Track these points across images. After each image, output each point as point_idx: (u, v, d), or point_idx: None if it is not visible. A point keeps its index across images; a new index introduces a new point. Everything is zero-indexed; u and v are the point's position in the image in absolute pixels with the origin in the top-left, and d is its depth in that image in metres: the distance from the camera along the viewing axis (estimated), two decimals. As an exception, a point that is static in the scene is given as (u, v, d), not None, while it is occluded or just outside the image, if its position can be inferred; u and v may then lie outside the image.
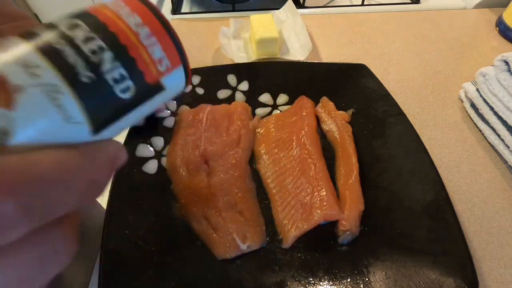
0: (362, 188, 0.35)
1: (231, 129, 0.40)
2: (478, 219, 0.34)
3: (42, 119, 0.12)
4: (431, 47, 0.56)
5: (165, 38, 0.15)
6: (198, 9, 0.68)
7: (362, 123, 0.41)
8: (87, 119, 0.13)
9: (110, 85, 0.13)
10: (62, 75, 0.12)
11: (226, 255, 0.31)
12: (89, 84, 0.12)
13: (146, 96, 0.15)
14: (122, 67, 0.13)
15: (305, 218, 0.32)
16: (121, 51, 0.13)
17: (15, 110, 0.11)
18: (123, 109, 0.14)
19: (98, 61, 0.13)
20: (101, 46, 0.13)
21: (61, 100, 0.12)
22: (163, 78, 0.15)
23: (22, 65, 0.11)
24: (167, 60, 0.15)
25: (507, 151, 0.38)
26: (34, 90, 0.11)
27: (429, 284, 0.27)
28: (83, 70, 0.12)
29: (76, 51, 0.12)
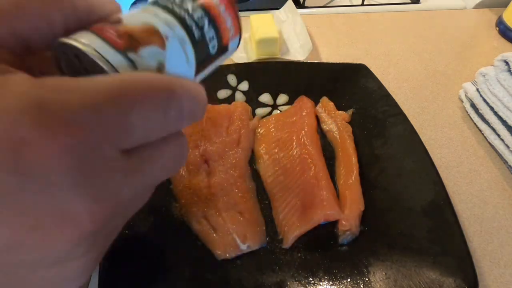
0: (362, 188, 0.35)
1: (231, 129, 0.40)
2: (478, 219, 0.34)
3: (178, 58, 0.17)
4: (431, 47, 0.56)
5: (233, 14, 0.20)
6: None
7: (362, 123, 0.41)
8: (195, 64, 0.18)
9: (207, 42, 0.19)
10: (186, 31, 0.17)
11: (226, 255, 0.31)
12: (198, 40, 0.18)
13: (221, 53, 0.20)
14: (213, 31, 0.19)
15: (305, 218, 0.32)
16: (213, 20, 0.19)
17: (167, 51, 0.16)
18: (210, 60, 0.20)
19: (202, 25, 0.18)
20: (202, 15, 0.18)
21: (186, 48, 0.17)
22: (230, 43, 0.21)
23: (164, 22, 0.17)
24: (233, 30, 0.20)
25: (507, 151, 0.38)
26: (173, 39, 0.17)
27: (429, 284, 0.27)
28: (196, 30, 0.18)
29: (190, 17, 0.18)
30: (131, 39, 0.15)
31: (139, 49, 0.15)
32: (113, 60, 0.14)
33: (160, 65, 0.16)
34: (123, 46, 0.15)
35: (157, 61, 0.16)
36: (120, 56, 0.14)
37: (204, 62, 0.19)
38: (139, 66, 0.15)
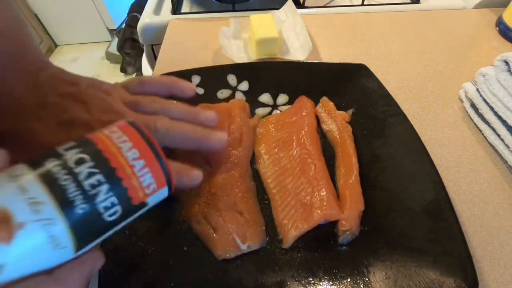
0: (362, 188, 0.35)
1: (232, 127, 0.40)
2: (478, 219, 0.34)
3: (35, 251, 0.13)
4: (431, 47, 0.56)
5: (156, 167, 0.17)
6: (198, 9, 0.68)
7: (362, 123, 0.41)
8: (73, 244, 0.14)
9: (101, 212, 0.15)
10: (62, 209, 0.14)
11: (226, 255, 0.31)
12: (82, 214, 0.14)
13: (130, 215, 0.17)
14: (114, 197, 0.15)
15: (305, 218, 0.32)
16: (116, 183, 0.15)
17: (13, 246, 0.12)
18: (106, 229, 0.16)
19: (95, 194, 0.14)
20: (100, 180, 0.15)
21: (55, 231, 0.13)
22: (148, 198, 0.17)
23: (29, 203, 0.13)
24: (154, 185, 0.17)
25: (507, 151, 0.38)
26: (33, 225, 0.13)
27: (429, 284, 0.27)
28: (80, 203, 0.14)
29: (78, 187, 0.14)
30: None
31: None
32: None
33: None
34: None
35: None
36: None
37: (96, 233, 0.16)
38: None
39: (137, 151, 0.16)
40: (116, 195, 0.15)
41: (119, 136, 0.17)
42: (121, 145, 0.16)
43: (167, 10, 0.66)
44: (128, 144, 0.16)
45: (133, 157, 0.16)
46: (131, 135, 0.17)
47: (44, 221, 0.13)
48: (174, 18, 0.63)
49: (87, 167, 0.15)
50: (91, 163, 0.15)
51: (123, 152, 0.16)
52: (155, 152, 0.17)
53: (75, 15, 1.98)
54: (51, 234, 0.13)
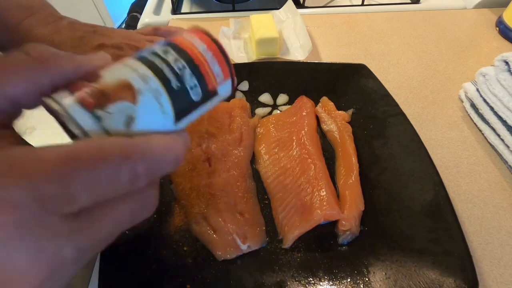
0: (362, 188, 0.35)
1: (232, 126, 0.40)
2: (478, 219, 0.34)
3: (151, 110, 0.18)
4: (431, 47, 0.56)
5: (221, 59, 0.21)
6: (198, 9, 0.68)
7: (362, 123, 0.41)
8: (173, 113, 0.19)
9: (188, 90, 0.19)
10: (162, 83, 0.18)
11: (227, 256, 0.31)
12: (177, 90, 0.19)
13: (207, 99, 0.21)
14: (196, 79, 0.20)
15: (305, 218, 0.32)
16: (195, 69, 0.20)
17: (138, 105, 0.17)
18: (193, 107, 0.20)
19: (182, 75, 0.19)
20: (184, 65, 0.19)
21: (161, 100, 0.18)
22: (218, 87, 0.21)
23: (140, 76, 0.18)
24: (221, 75, 0.21)
25: (507, 151, 0.38)
26: (147, 93, 0.17)
27: (429, 284, 0.27)
28: (174, 81, 0.18)
29: (169, 68, 0.19)
30: (102, 96, 0.16)
31: (107, 106, 0.16)
32: (80, 118, 0.16)
33: (129, 120, 0.17)
34: (92, 104, 0.16)
35: (126, 116, 0.17)
36: (87, 115, 0.16)
37: (187, 110, 0.20)
38: (106, 122, 0.16)
39: (205, 45, 0.21)
40: (197, 78, 0.19)
41: (189, 36, 0.21)
42: (192, 41, 0.20)
43: (167, 10, 0.66)
44: (196, 39, 0.21)
45: (203, 49, 0.20)
46: (197, 34, 0.21)
47: (153, 91, 0.17)
48: (174, 18, 0.63)
49: (173, 55, 0.19)
50: (175, 53, 0.19)
51: (195, 45, 0.20)
52: (220, 48, 0.21)
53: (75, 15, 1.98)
54: (159, 101, 0.18)
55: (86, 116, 0.16)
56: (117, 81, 0.17)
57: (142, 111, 0.17)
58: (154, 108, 0.18)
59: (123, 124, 0.17)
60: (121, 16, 2.11)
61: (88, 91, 0.16)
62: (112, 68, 0.18)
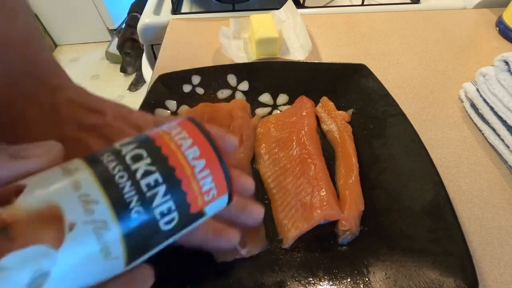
0: (362, 188, 0.35)
1: (233, 127, 0.40)
2: (478, 219, 0.34)
3: (84, 259, 0.11)
4: (431, 47, 0.56)
5: (218, 170, 0.15)
6: (198, 9, 0.68)
7: (362, 123, 0.41)
8: (124, 254, 0.12)
9: (156, 219, 0.13)
10: (115, 211, 0.12)
11: (225, 258, 0.30)
12: (137, 219, 0.12)
13: (187, 224, 0.15)
14: (172, 201, 0.13)
15: (305, 218, 0.32)
16: (175, 185, 0.13)
17: (60, 249, 0.11)
18: (161, 240, 0.14)
19: (152, 196, 0.13)
20: (157, 180, 0.13)
21: (107, 237, 0.12)
22: (207, 207, 0.15)
23: (82, 200, 0.11)
24: (214, 191, 0.15)
25: (507, 151, 0.38)
26: (85, 228, 0.11)
27: (429, 284, 0.27)
28: (135, 206, 0.12)
29: (134, 186, 0.12)
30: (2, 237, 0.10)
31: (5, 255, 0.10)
32: None
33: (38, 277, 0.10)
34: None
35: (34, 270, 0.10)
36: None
37: (148, 244, 0.14)
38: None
39: (198, 150, 0.14)
40: (174, 200, 0.13)
41: (179, 132, 0.15)
42: (181, 142, 0.14)
43: (167, 10, 0.66)
44: (188, 141, 0.14)
45: (194, 156, 0.14)
46: (192, 132, 0.15)
47: (96, 224, 0.11)
48: (174, 18, 0.63)
49: (144, 164, 0.13)
50: (148, 160, 0.13)
51: (183, 150, 0.14)
52: (216, 153, 0.15)
53: (75, 15, 1.98)
54: (103, 240, 0.12)
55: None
56: (39, 206, 0.11)
57: (67, 259, 0.11)
58: (90, 251, 0.11)
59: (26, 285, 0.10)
60: (121, 16, 2.11)
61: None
62: (45, 173, 0.12)
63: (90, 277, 0.12)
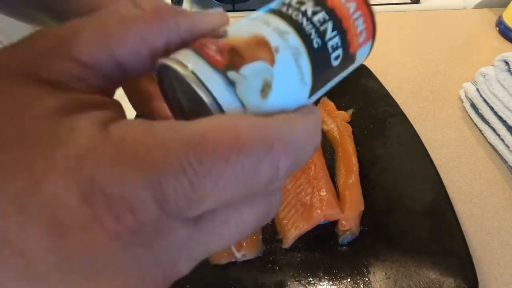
0: (362, 188, 0.35)
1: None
2: (478, 219, 0.34)
3: (289, 75, 0.14)
4: (431, 47, 0.56)
5: (366, 13, 0.17)
6: (198, 9, 0.67)
7: (362, 123, 0.41)
8: (311, 81, 0.14)
9: (329, 52, 0.15)
10: (303, 40, 0.14)
11: (219, 261, 0.30)
12: (317, 50, 0.14)
13: (345, 66, 0.16)
14: (338, 37, 0.15)
15: (305, 218, 0.32)
16: (338, 23, 0.15)
17: (275, 66, 0.13)
18: (331, 76, 0.16)
19: (324, 30, 0.15)
20: (324, 17, 0.15)
21: (301, 61, 0.14)
22: (359, 50, 0.17)
23: (275, 31, 0.14)
24: (365, 33, 0.17)
25: (507, 151, 0.38)
26: (285, 51, 0.13)
27: (429, 284, 0.27)
28: (315, 37, 0.14)
29: (309, 21, 0.14)
30: (233, 55, 0.13)
31: (241, 67, 0.13)
32: (210, 82, 0.12)
33: (265, 85, 0.13)
34: (223, 64, 0.13)
35: (263, 80, 0.13)
36: (218, 77, 0.12)
37: (323, 78, 0.15)
38: (240, 88, 0.13)
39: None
40: (339, 35, 0.15)
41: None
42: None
43: (167, 10, 0.66)
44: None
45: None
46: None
47: (292, 49, 0.14)
48: (174, 18, 0.63)
49: (310, 5, 0.15)
50: (312, 2, 0.15)
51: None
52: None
53: (75, 15, 1.98)
54: (299, 64, 0.14)
55: (217, 78, 0.12)
56: (248, 36, 0.13)
57: (280, 76, 0.13)
58: (293, 73, 0.14)
59: (258, 93, 0.13)
60: (121, 16, 2.11)
61: (214, 47, 0.13)
62: (237, 23, 0.15)
63: (291, 98, 0.14)
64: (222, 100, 0.12)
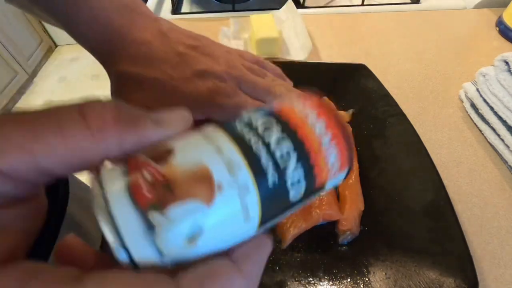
0: (362, 188, 0.35)
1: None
2: (478, 219, 0.34)
3: (230, 215, 0.12)
4: (431, 47, 0.56)
5: (342, 145, 0.15)
6: (198, 9, 0.68)
7: (362, 123, 0.41)
8: (259, 219, 0.13)
9: (288, 189, 0.13)
10: (255, 176, 0.12)
11: None
12: (272, 187, 0.13)
13: (308, 197, 0.15)
14: (302, 174, 0.14)
15: (304, 218, 0.32)
16: (305, 158, 0.14)
17: (211, 207, 0.12)
18: (286, 209, 0.14)
19: (284, 166, 0.13)
20: (288, 151, 0.13)
21: (247, 200, 0.12)
22: (328, 182, 0.15)
23: (226, 163, 0.12)
24: (337, 165, 0.15)
25: (507, 151, 0.38)
26: (230, 189, 0.12)
27: (429, 284, 0.27)
28: (271, 174, 0.13)
29: (268, 154, 0.13)
30: (165, 190, 0.11)
31: (168, 206, 0.11)
32: (122, 219, 0.11)
33: (195, 230, 0.12)
34: (148, 201, 0.11)
35: (192, 224, 0.11)
36: (136, 218, 0.11)
37: (277, 212, 0.14)
38: (161, 232, 0.11)
39: (324, 123, 0.14)
40: (303, 172, 0.14)
41: (303, 105, 0.15)
42: (306, 114, 0.14)
43: (167, 10, 0.66)
44: (314, 113, 0.14)
45: (320, 128, 0.14)
46: (314, 105, 0.15)
47: (239, 187, 0.12)
48: (174, 18, 0.63)
49: (276, 134, 0.13)
50: (279, 130, 0.13)
51: (310, 121, 0.14)
52: (339, 124, 0.15)
53: (75, 15, 1.98)
54: (244, 203, 0.12)
55: (133, 219, 0.11)
56: (191, 166, 0.12)
57: (216, 218, 0.12)
58: (235, 213, 0.12)
59: (185, 238, 0.11)
60: (121, 16, 2.11)
61: (148, 177, 0.11)
62: (187, 138, 0.13)
63: (231, 237, 0.13)
64: (133, 248, 0.11)
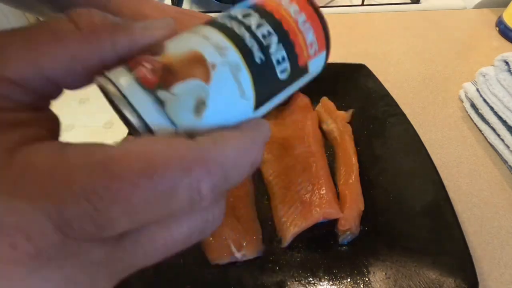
0: (362, 188, 0.35)
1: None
2: (478, 219, 0.34)
3: (227, 91, 0.14)
4: (431, 47, 0.56)
5: (317, 24, 0.16)
6: (198, 9, 0.68)
7: (362, 123, 0.41)
8: (254, 96, 0.15)
9: (274, 65, 0.15)
10: (242, 55, 0.14)
11: (219, 260, 0.30)
12: (260, 64, 0.15)
13: (296, 78, 0.16)
14: (284, 50, 0.15)
15: (304, 216, 0.32)
16: (284, 36, 0.15)
17: (211, 84, 0.13)
18: (278, 89, 0.16)
19: (267, 44, 0.15)
20: (269, 31, 0.15)
21: (240, 77, 0.14)
22: (310, 61, 0.17)
23: (214, 46, 0.14)
24: (316, 45, 0.17)
25: (507, 151, 0.38)
26: (223, 68, 0.14)
27: (429, 284, 0.27)
28: (257, 52, 0.14)
29: (251, 35, 0.14)
30: (166, 73, 0.13)
31: (172, 85, 0.13)
32: (138, 102, 0.12)
33: (199, 104, 0.13)
34: (154, 83, 0.13)
35: (196, 98, 0.13)
36: (147, 97, 0.12)
37: (270, 92, 0.16)
38: (170, 107, 0.13)
39: (297, 5, 0.16)
40: (285, 49, 0.15)
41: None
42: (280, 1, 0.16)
43: (167, 10, 0.66)
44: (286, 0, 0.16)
45: (294, 10, 0.16)
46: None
47: (231, 65, 0.14)
48: (174, 18, 0.63)
49: (255, 18, 0.15)
50: (258, 16, 0.15)
51: (284, 5, 0.16)
52: (316, 10, 0.16)
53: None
54: (238, 79, 0.14)
55: (145, 98, 0.12)
56: (184, 53, 0.14)
57: (216, 93, 0.13)
58: (231, 89, 0.14)
59: (191, 111, 0.13)
60: (121, 16, 2.11)
61: (149, 66, 0.13)
62: (178, 37, 0.15)
63: (231, 114, 0.14)
64: (149, 120, 0.12)
